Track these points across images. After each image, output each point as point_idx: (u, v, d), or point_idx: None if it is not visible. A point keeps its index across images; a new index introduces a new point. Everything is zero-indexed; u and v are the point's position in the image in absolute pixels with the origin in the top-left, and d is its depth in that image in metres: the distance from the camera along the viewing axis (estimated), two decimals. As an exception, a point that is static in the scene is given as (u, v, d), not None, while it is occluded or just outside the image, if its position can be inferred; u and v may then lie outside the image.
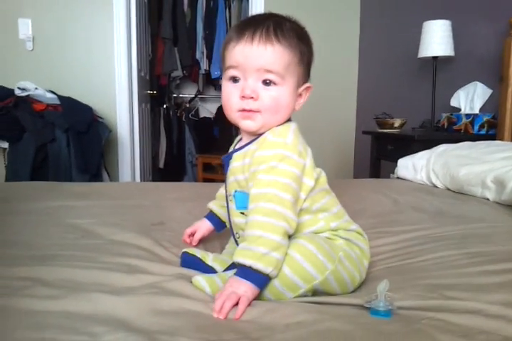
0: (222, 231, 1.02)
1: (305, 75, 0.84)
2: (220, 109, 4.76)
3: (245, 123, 0.81)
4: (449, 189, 1.69)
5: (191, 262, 0.85)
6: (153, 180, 4.10)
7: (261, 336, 0.60)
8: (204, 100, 5.04)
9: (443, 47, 2.42)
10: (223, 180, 0.92)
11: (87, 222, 1.14)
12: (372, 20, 3.45)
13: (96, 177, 2.88)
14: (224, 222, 0.99)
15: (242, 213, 0.82)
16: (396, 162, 2.04)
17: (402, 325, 0.64)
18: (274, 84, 0.79)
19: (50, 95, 2.87)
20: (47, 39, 3.19)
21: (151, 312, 0.63)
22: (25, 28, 3.14)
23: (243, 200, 0.81)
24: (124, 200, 1.44)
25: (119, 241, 0.99)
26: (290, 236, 0.76)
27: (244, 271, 0.70)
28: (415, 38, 2.60)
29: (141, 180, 3.53)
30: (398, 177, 2.01)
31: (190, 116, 4.77)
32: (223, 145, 5.06)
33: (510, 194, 1.36)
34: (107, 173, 3.12)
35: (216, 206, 1.00)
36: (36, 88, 2.86)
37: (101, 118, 3.09)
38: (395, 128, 2.56)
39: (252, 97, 0.78)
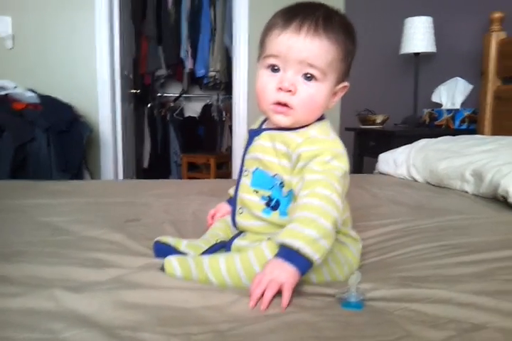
0: None
1: (345, 73, 0.82)
2: (205, 108, 4.75)
3: (277, 118, 0.79)
4: (429, 183, 1.69)
5: (164, 250, 0.83)
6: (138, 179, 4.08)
7: (228, 328, 0.58)
8: (189, 99, 5.01)
9: (425, 43, 2.43)
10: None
11: (60, 220, 1.12)
12: (355, 18, 3.45)
13: (77, 176, 2.84)
14: None
15: (256, 192, 0.81)
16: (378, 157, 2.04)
17: (373, 316, 0.63)
18: (315, 79, 0.76)
19: (29, 94, 2.83)
20: (27, 37, 3.14)
21: (114, 306, 0.61)
22: (4, 25, 3.09)
23: (261, 179, 0.81)
24: (100, 198, 1.41)
25: (90, 237, 0.97)
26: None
27: (290, 254, 0.66)
28: (397, 35, 2.61)
29: (124, 180, 3.50)
30: (380, 173, 2.01)
31: (174, 115, 4.75)
32: (208, 145, 5.05)
33: (488, 186, 1.37)
34: (89, 173, 3.08)
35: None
36: (15, 87, 2.82)
37: (82, 117, 3.05)
38: (378, 124, 2.56)
39: (290, 90, 0.76)
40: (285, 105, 0.77)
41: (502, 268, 0.82)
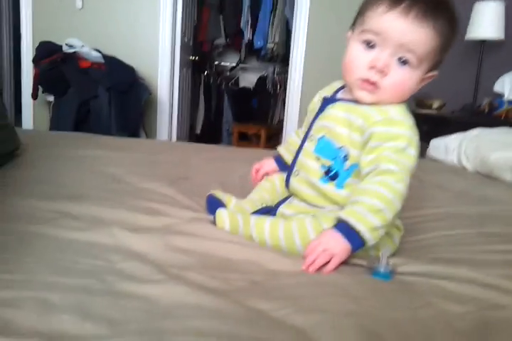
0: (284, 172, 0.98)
1: (439, 63, 0.80)
2: (260, 80, 4.76)
3: (361, 94, 0.78)
4: (478, 172, 1.67)
5: (215, 204, 0.87)
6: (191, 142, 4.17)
7: (263, 279, 0.64)
8: (245, 70, 5.03)
9: (493, 29, 2.33)
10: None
11: (117, 171, 1.21)
12: None
13: (134, 136, 2.97)
14: (288, 166, 0.94)
15: (318, 159, 0.82)
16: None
17: (399, 287, 0.67)
18: (410, 65, 0.75)
19: (95, 53, 2.95)
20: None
21: (165, 248, 0.69)
22: (75, -14, 3.20)
23: (326, 148, 0.81)
24: (155, 155, 1.49)
25: (145, 188, 1.05)
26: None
27: (351, 232, 0.71)
28: (465, 19, 2.51)
29: (176, 144, 3.61)
30: (430, 158, 1.99)
31: (230, 84, 4.79)
32: (260, 116, 5.04)
33: (538, 181, 1.34)
34: (145, 134, 3.21)
35: (284, 150, 0.99)
36: (83, 46, 2.94)
37: (142, 79, 3.16)
38: (434, 109, 2.51)
39: (383, 71, 0.75)
40: (373, 84, 0.76)
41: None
